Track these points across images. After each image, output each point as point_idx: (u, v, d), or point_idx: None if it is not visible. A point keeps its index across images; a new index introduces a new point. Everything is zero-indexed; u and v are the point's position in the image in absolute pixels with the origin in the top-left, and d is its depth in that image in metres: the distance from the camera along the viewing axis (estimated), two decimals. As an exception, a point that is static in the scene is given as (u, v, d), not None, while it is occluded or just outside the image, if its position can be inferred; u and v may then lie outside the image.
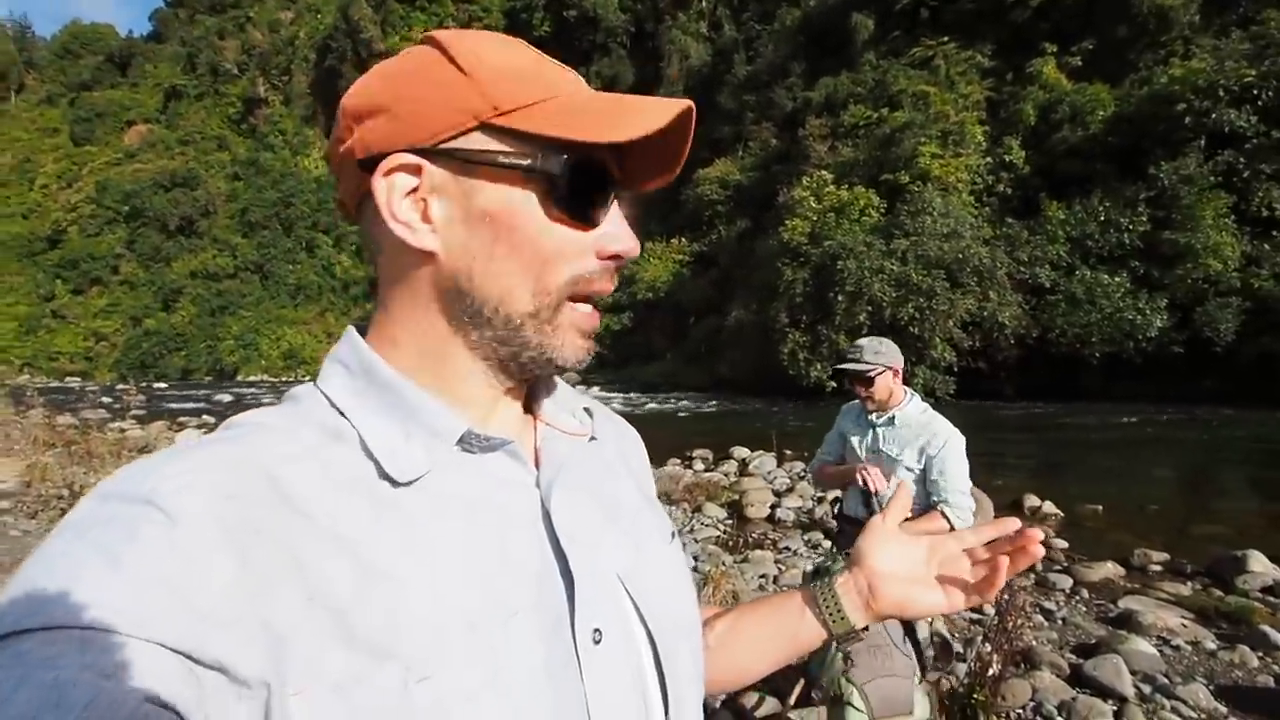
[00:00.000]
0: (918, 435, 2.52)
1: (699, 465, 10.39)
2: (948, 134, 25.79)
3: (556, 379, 0.64)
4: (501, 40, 0.50)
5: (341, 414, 0.49)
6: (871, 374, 2.53)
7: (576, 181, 0.48)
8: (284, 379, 49.67)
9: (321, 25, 64.95)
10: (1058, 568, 5.70)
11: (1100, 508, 7.63)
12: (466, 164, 0.47)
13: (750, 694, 3.34)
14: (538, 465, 0.55)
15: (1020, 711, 3.33)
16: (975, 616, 4.56)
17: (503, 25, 57.11)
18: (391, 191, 0.47)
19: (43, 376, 50.27)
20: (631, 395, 26.94)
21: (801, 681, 3.31)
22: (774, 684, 3.47)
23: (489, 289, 0.49)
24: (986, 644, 3.48)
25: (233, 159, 64.36)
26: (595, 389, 31.52)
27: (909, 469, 2.51)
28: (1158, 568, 5.64)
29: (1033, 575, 5.54)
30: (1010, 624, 3.55)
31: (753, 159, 36.72)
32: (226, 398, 26.56)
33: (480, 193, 0.48)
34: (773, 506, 7.56)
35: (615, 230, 0.51)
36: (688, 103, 0.49)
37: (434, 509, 0.47)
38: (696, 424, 17.29)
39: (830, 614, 0.68)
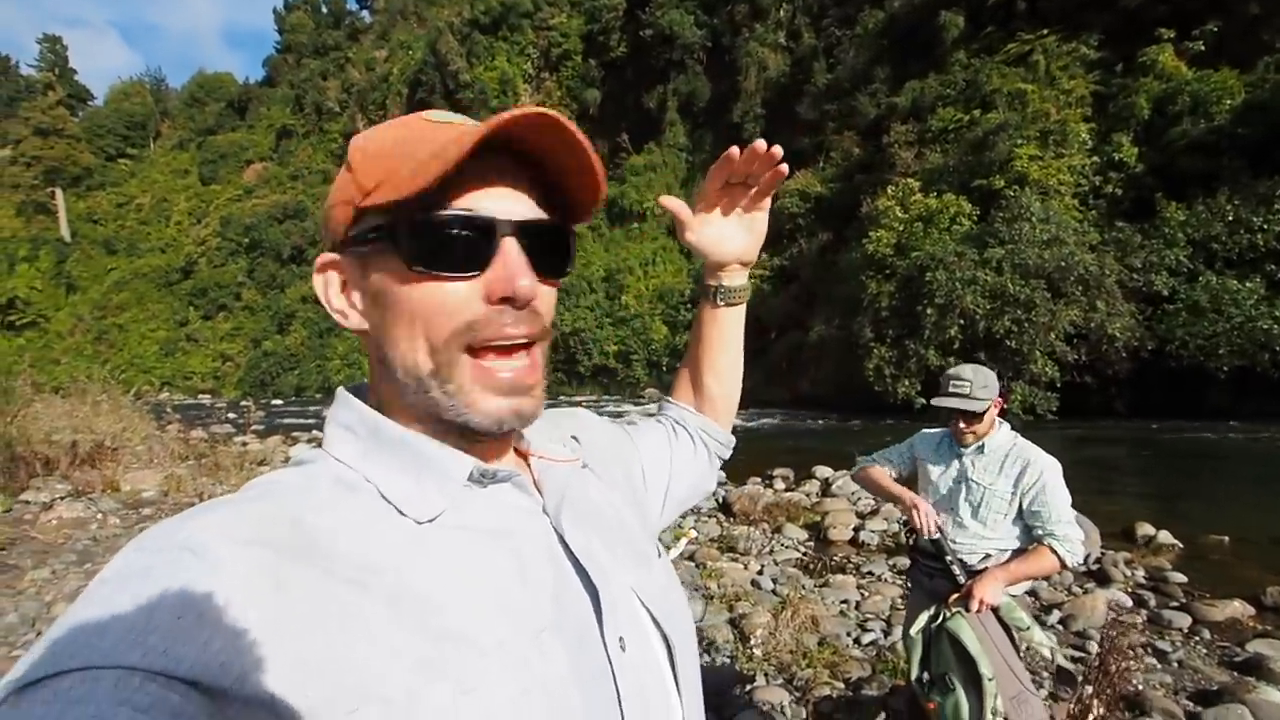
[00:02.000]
0: (1011, 463, 2.39)
1: (779, 484, 10.18)
2: (1048, 134, 24.21)
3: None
4: (399, 123, 0.54)
5: (352, 469, 0.52)
6: (984, 412, 2.38)
7: (430, 236, 0.49)
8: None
9: (413, 60, 68.60)
10: (1174, 604, 5.21)
11: (1226, 538, 6.92)
12: (357, 250, 0.53)
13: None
14: (541, 494, 0.59)
15: (1126, 762, 3.09)
16: (1077, 655, 4.27)
17: (581, 49, 58.51)
18: (327, 287, 0.55)
19: (179, 394, 54.89)
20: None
21: (882, 714, 3.22)
22: (855, 715, 3.37)
23: (396, 356, 0.52)
24: (1088, 686, 3.27)
25: (337, 191, 69.11)
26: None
27: (1002, 498, 2.38)
28: (1294, 607, 5.07)
29: (1145, 612, 5.13)
30: (1114, 666, 3.31)
31: (834, 169, 35.83)
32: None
33: (371, 271, 0.52)
34: (856, 529, 7.31)
35: (501, 272, 0.51)
36: (511, 116, 0.48)
37: (455, 540, 0.50)
38: (777, 442, 16.96)
39: (742, 297, 0.91)
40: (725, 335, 0.92)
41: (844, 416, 22.53)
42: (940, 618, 2.32)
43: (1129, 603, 5.31)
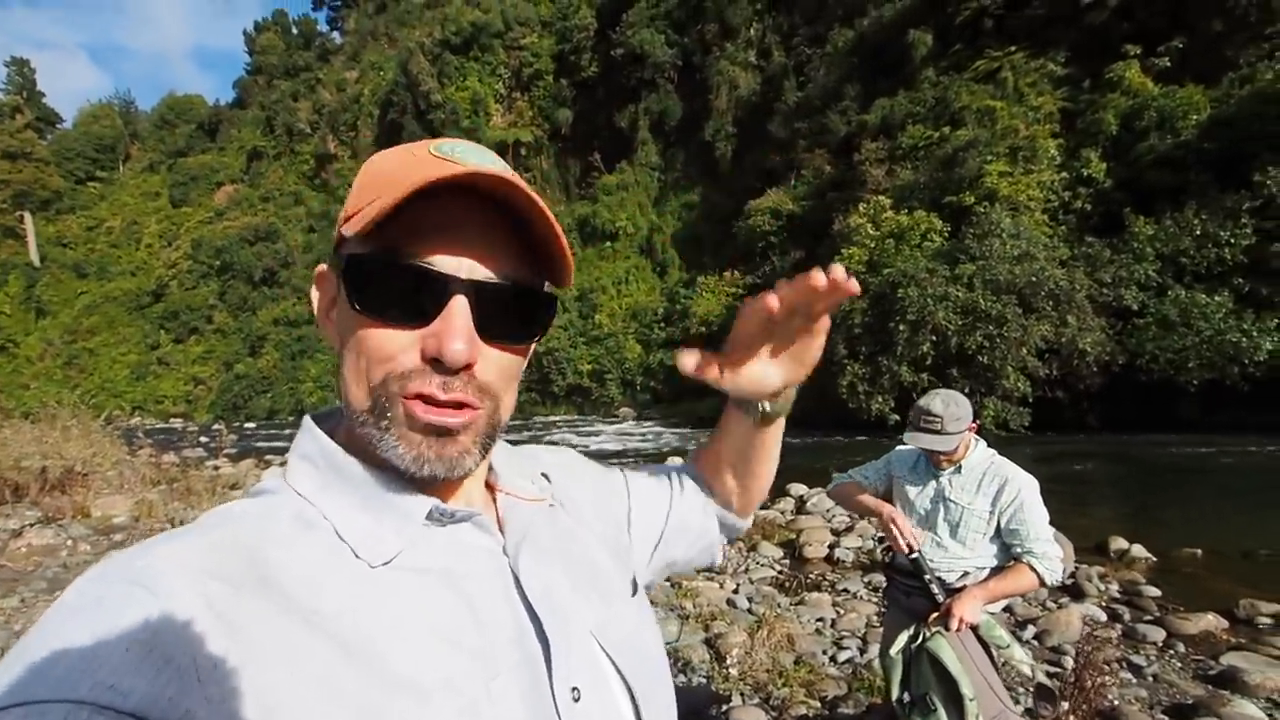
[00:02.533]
0: (989, 481, 2.34)
1: (755, 503, 10.07)
2: (1017, 150, 24.59)
3: (510, 449, 0.66)
4: (404, 149, 0.53)
5: (312, 505, 0.51)
6: (958, 445, 2.33)
7: (374, 282, 0.49)
8: (358, 419, 51.60)
9: (384, 81, 68.49)
10: (1149, 618, 5.19)
11: (1199, 551, 6.95)
12: (338, 275, 0.52)
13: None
14: (503, 533, 0.57)
15: (1104, 784, 3.00)
16: (1053, 670, 4.20)
17: (552, 69, 58.83)
18: (319, 299, 0.56)
19: (151, 418, 53.93)
20: (686, 431, 26.61)
21: None
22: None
23: (343, 387, 0.52)
24: (1064, 702, 3.20)
25: (308, 212, 68.31)
26: (650, 424, 31.39)
27: (980, 517, 2.33)
28: (1268, 620, 5.03)
29: (1119, 626, 5.08)
30: (1090, 681, 3.25)
31: (806, 187, 36.14)
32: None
33: (342, 299, 0.52)
34: (831, 546, 7.25)
35: (439, 328, 0.49)
36: (470, 169, 0.48)
37: (410, 581, 0.49)
38: (755, 459, 16.87)
39: (784, 410, 0.77)
40: (768, 444, 0.81)
41: (819, 434, 22.51)
42: (920, 637, 2.28)
43: (1103, 617, 5.29)
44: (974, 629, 2.23)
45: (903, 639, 2.33)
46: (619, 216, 49.89)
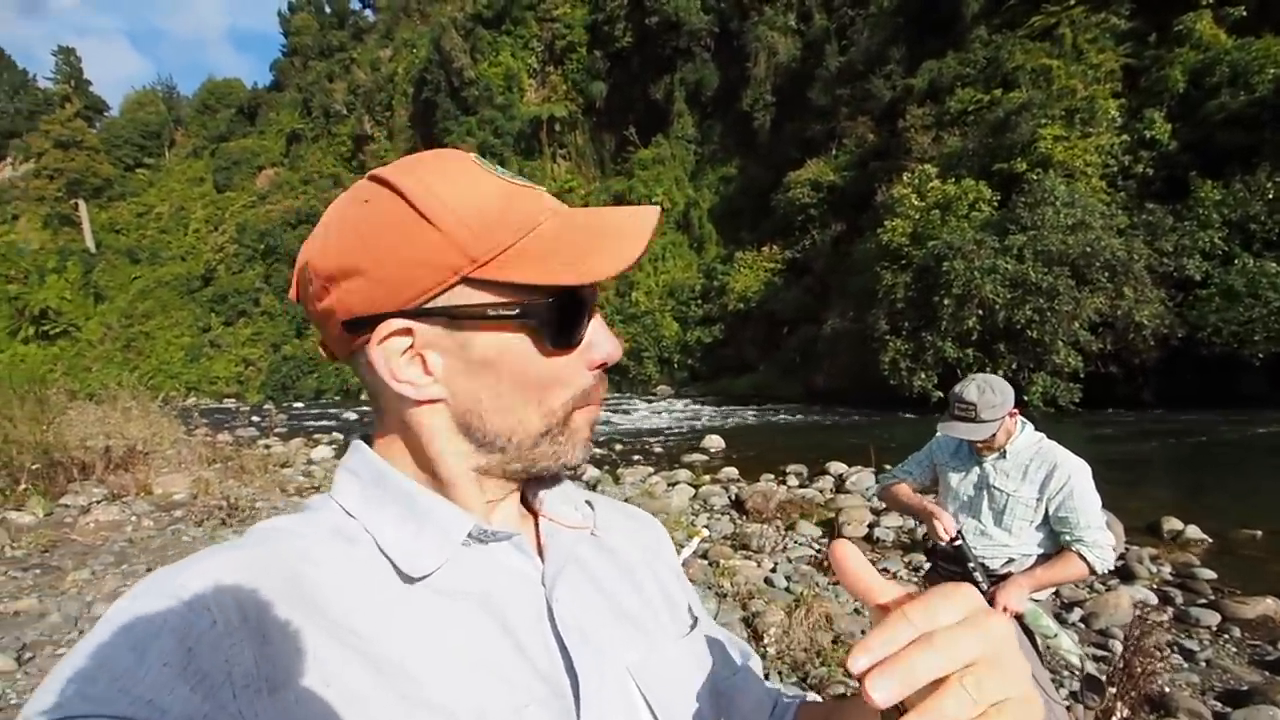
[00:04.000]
0: (1036, 467, 2.27)
1: (793, 481, 10.06)
2: (1074, 112, 23.33)
3: (556, 475, 0.65)
4: (466, 171, 0.50)
5: (353, 518, 0.52)
6: (996, 432, 2.27)
7: (563, 315, 0.51)
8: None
9: (417, 59, 68.55)
10: (1203, 601, 5.05)
11: (1259, 533, 6.68)
12: (454, 319, 0.49)
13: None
14: (542, 559, 0.56)
15: (1152, 770, 2.95)
16: (1100, 654, 4.13)
17: (586, 40, 58.05)
18: (389, 358, 0.49)
19: (205, 399, 56.37)
20: (723, 408, 26.53)
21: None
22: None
23: (500, 423, 0.52)
24: (1111, 688, 3.13)
25: (347, 195, 69.91)
26: (685, 402, 31.36)
27: (1026, 505, 2.27)
28: (1331, 605, 4.84)
29: (1171, 609, 4.96)
30: (1139, 667, 3.17)
31: (847, 157, 35.15)
32: (352, 415, 28.51)
33: (475, 343, 0.50)
34: (871, 525, 7.19)
35: (597, 339, 0.53)
36: (655, 211, 0.53)
37: (445, 604, 0.49)
38: (791, 438, 16.79)
39: None
40: None
41: (859, 411, 22.24)
42: None
43: (1154, 600, 5.17)
44: (1019, 618, 2.19)
45: None
46: (655, 191, 49.36)
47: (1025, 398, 20.21)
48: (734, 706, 0.67)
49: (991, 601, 2.15)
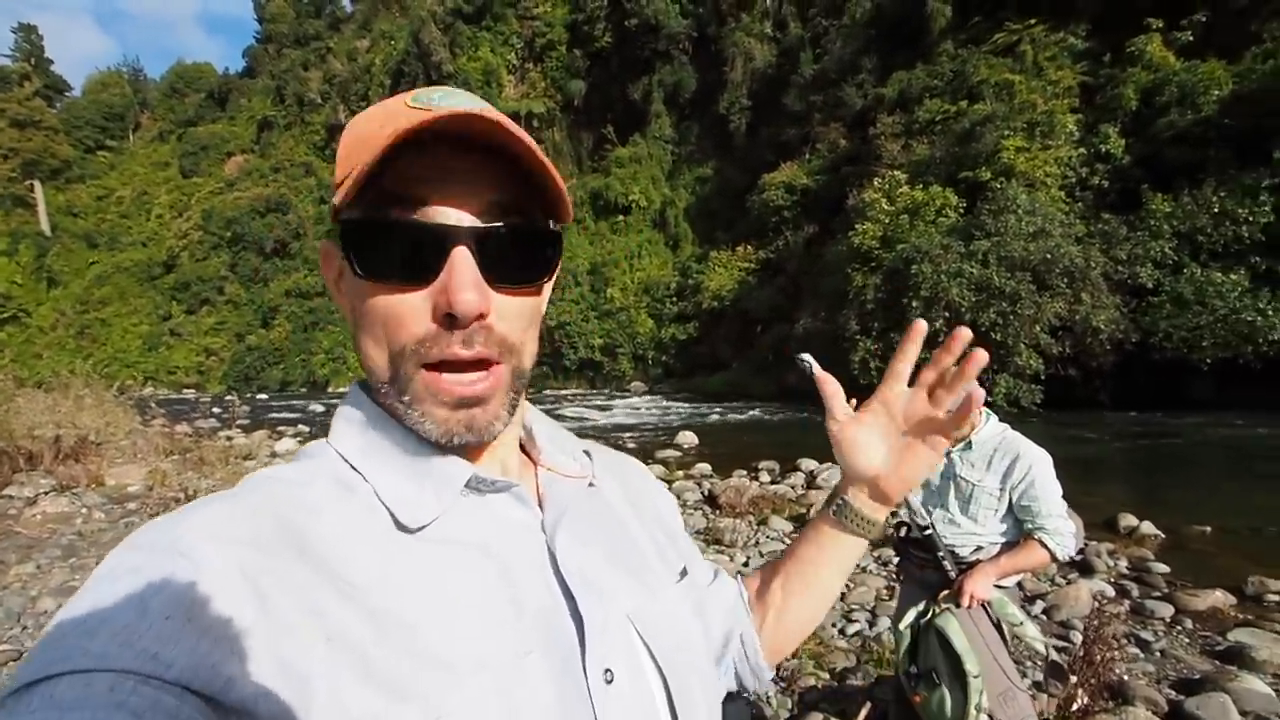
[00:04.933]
0: (999, 457, 2.34)
1: (765, 477, 10.16)
2: (1035, 125, 24.13)
3: (554, 424, 0.66)
4: (380, 107, 0.51)
5: (353, 468, 0.51)
6: None
7: (374, 243, 0.47)
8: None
9: (395, 51, 67.63)
10: (1157, 594, 5.25)
11: (1208, 528, 6.97)
12: (335, 242, 0.51)
13: (815, 715, 3.22)
14: (541, 508, 0.56)
15: (1109, 752, 3.06)
16: (1061, 645, 4.26)
17: (565, 39, 58.05)
18: (329, 271, 0.54)
19: (164, 389, 54.78)
20: (698, 406, 26.69)
21: (868, 704, 3.19)
22: (840, 705, 3.33)
23: (363, 358, 0.52)
24: (1072, 676, 3.25)
25: (318, 183, 67.96)
26: (660, 399, 31.50)
27: (990, 494, 2.34)
28: (1276, 597, 5.08)
29: (1128, 602, 5.14)
30: (1098, 656, 3.30)
31: (820, 161, 35.76)
32: (319, 408, 28.01)
33: (346, 268, 0.51)
34: (841, 521, 7.29)
35: (445, 282, 0.47)
36: (448, 111, 0.45)
37: (444, 553, 0.48)
38: (764, 434, 16.98)
39: (862, 528, 0.72)
40: (829, 566, 0.75)
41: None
42: (930, 613, 2.29)
43: (1112, 593, 5.34)
44: (986, 606, 2.25)
45: (912, 614, 2.35)
46: (632, 190, 49.50)
47: (990, 398, 20.72)
48: (709, 610, 0.72)
49: (959, 590, 2.22)
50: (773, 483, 9.71)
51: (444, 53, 59.28)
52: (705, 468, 10.93)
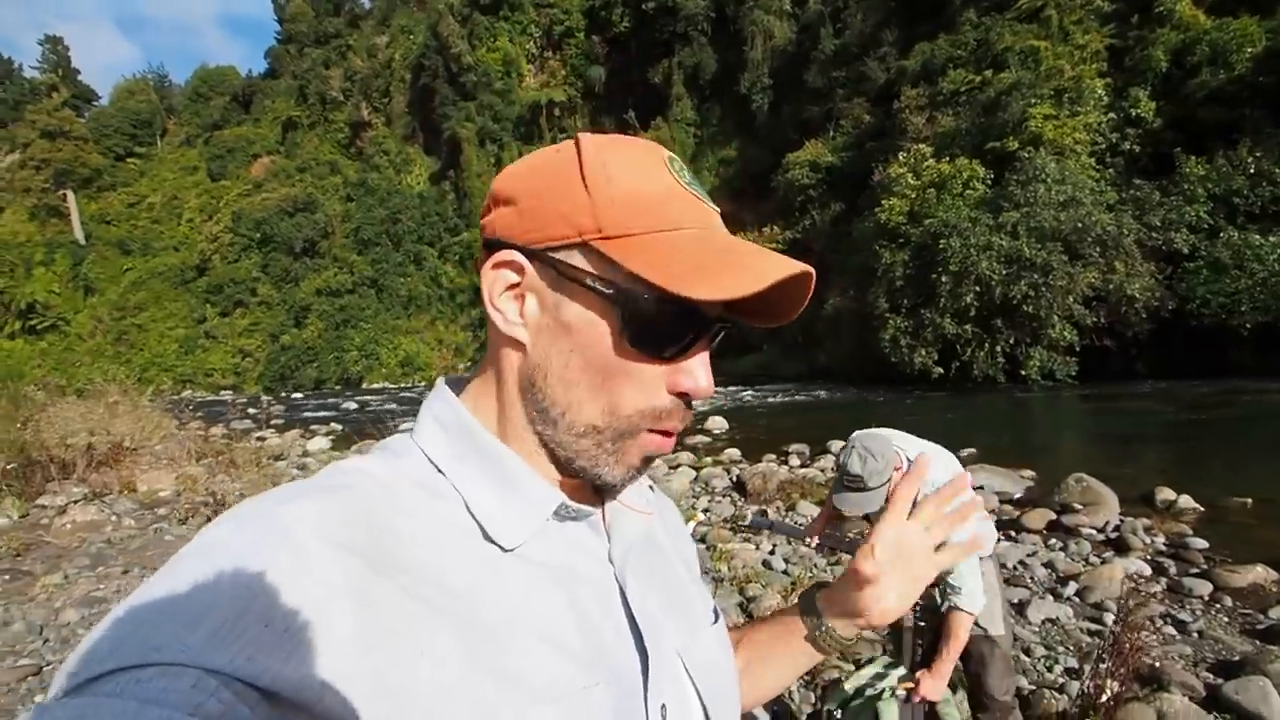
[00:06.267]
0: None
1: (795, 461, 10.16)
2: (1062, 91, 23.58)
3: None
4: (648, 161, 0.51)
5: (440, 472, 0.51)
6: (887, 495, 2.22)
7: (658, 319, 0.48)
8: (403, 385, 52.77)
9: (414, 45, 67.81)
10: (1195, 571, 5.13)
11: (1249, 501, 6.80)
12: (560, 275, 0.49)
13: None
14: (608, 537, 0.58)
15: (1142, 739, 3.06)
16: (1095, 628, 4.22)
17: (583, 25, 57.78)
18: (495, 282, 0.52)
19: (201, 391, 55.52)
20: (727, 389, 26.64)
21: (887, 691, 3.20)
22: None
23: (559, 394, 0.51)
24: (1102, 663, 3.20)
25: (344, 181, 68.63)
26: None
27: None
28: (1320, 572, 4.96)
29: (1164, 580, 5.07)
30: (1129, 644, 3.26)
31: (845, 138, 35.17)
32: (353, 405, 28.47)
33: (569, 305, 0.50)
34: (869, 504, 7.28)
35: (692, 366, 0.51)
36: (803, 268, 0.48)
37: (528, 575, 0.49)
38: (794, 417, 16.91)
39: (833, 647, 0.72)
40: (785, 668, 0.75)
41: (862, 389, 22.41)
42: (878, 691, 2.21)
43: (1148, 571, 5.25)
44: (931, 705, 2.21)
45: (863, 677, 2.27)
46: (654, 175, 49.30)
47: (1023, 372, 20.42)
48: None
49: (917, 684, 2.17)
50: (802, 466, 9.71)
51: (463, 45, 59.37)
52: (734, 453, 10.96)
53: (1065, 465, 7.95)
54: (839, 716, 2.27)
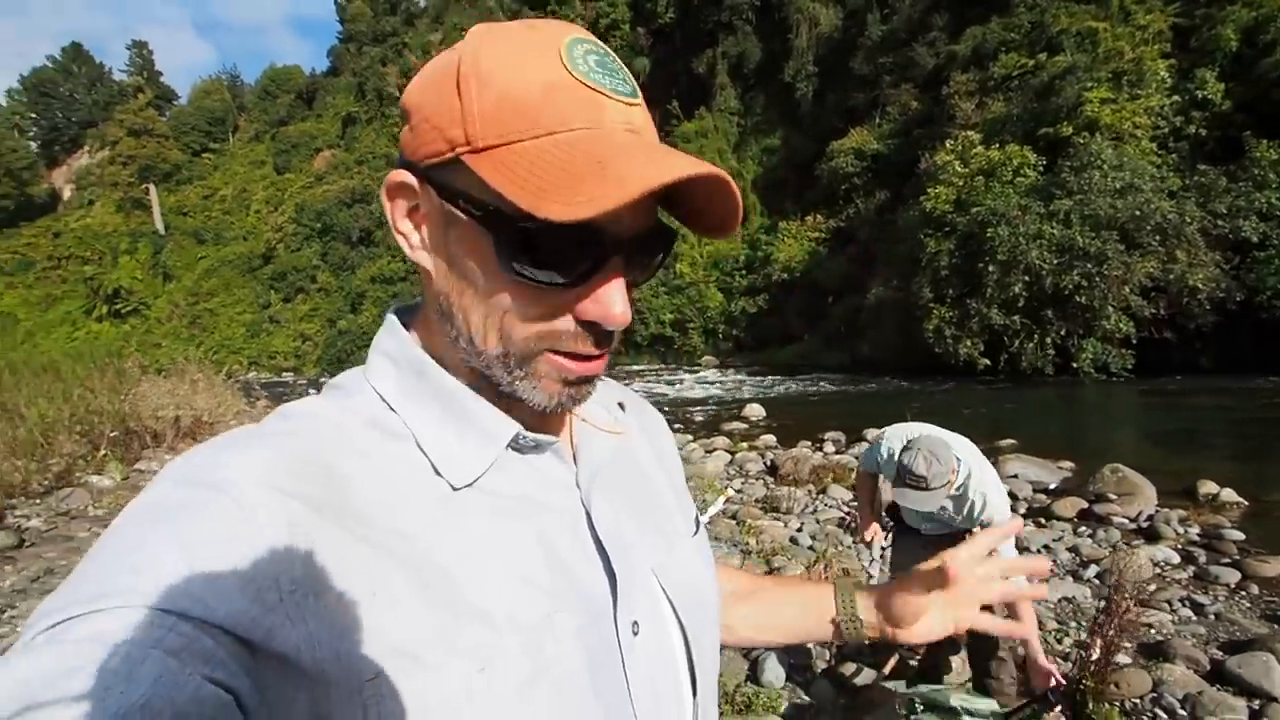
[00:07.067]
0: (969, 505, 2.60)
1: (830, 447, 10.26)
2: (1121, 74, 22.55)
3: None
4: (536, 51, 0.44)
5: (392, 409, 0.50)
6: (945, 497, 2.50)
7: (532, 243, 0.43)
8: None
9: (465, 41, 69.39)
10: (1226, 561, 5.15)
11: (1296, 496, 6.69)
12: (441, 196, 0.46)
13: (849, 664, 3.49)
14: (575, 460, 0.56)
15: (1137, 702, 3.20)
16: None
17: (628, 17, 57.97)
18: (394, 206, 0.49)
19: (265, 372, 59.03)
20: (767, 379, 26.62)
21: (895, 656, 3.41)
22: (879, 654, 3.58)
23: (463, 321, 0.48)
24: (1100, 627, 3.34)
25: (398, 172, 71.06)
26: (730, 372, 31.53)
27: (969, 529, 2.65)
28: (1356, 563, 4.91)
29: (1192, 568, 5.10)
30: (1118, 606, 3.37)
31: (891, 125, 34.39)
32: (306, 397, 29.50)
33: (455, 227, 0.46)
34: (900, 488, 7.38)
35: (599, 293, 0.46)
36: (691, 172, 0.41)
37: (485, 508, 0.48)
38: (832, 406, 16.89)
39: (852, 636, 0.75)
40: (791, 634, 0.80)
41: (905, 379, 22.13)
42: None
43: (1176, 559, 5.26)
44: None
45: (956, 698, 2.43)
46: (699, 165, 49.20)
47: (1075, 364, 19.86)
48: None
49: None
50: (837, 453, 9.81)
51: (511, 39, 60.24)
52: (770, 439, 11.11)
53: (1107, 457, 7.87)
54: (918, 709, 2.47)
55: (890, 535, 2.93)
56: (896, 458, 2.60)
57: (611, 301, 0.46)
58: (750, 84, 50.63)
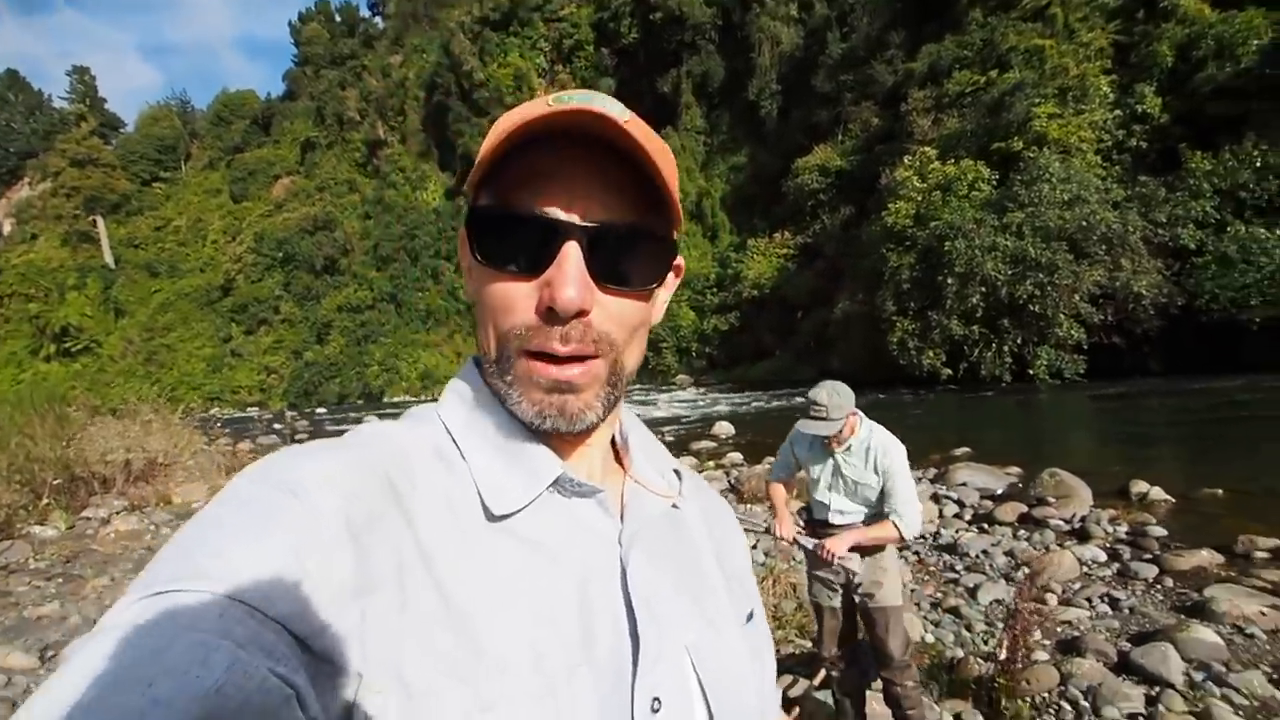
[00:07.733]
0: (872, 453, 2.82)
1: (791, 463, 10.47)
2: (1067, 90, 23.65)
3: (650, 436, 0.66)
4: (522, 105, 0.50)
5: (454, 441, 0.53)
6: (841, 428, 2.79)
7: (491, 230, 0.49)
8: (423, 398, 53.54)
9: (427, 63, 69.20)
10: (1146, 557, 5.49)
11: (1220, 491, 7.12)
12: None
13: (785, 676, 3.66)
14: (622, 518, 0.56)
15: (1045, 696, 3.43)
16: (1044, 607, 4.55)
17: (592, 38, 58.82)
18: (463, 257, 0.56)
19: (229, 408, 56.84)
20: (740, 395, 26.98)
21: (822, 671, 3.59)
22: (811, 670, 3.75)
23: (481, 338, 0.54)
24: (1010, 631, 3.57)
25: (362, 199, 69.52)
26: (703, 391, 31.83)
27: (869, 485, 2.84)
28: (1264, 554, 5.29)
29: (1116, 565, 5.40)
30: (1023, 608, 3.62)
31: (853, 142, 35.40)
32: (374, 419, 29.15)
33: (463, 245, 0.54)
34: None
35: (549, 274, 0.48)
36: (572, 108, 0.46)
37: (521, 550, 0.48)
38: (798, 421, 17.15)
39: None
40: None
41: (873, 391, 22.57)
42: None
43: (1103, 557, 5.59)
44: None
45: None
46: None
47: (1030, 371, 20.51)
48: (766, 659, 0.69)
49: (823, 550, 2.81)
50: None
51: (474, 61, 60.53)
52: (736, 457, 11.34)
53: (1051, 462, 8.25)
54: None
55: (804, 529, 3.13)
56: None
57: (561, 282, 0.47)
58: (715, 102, 51.63)
